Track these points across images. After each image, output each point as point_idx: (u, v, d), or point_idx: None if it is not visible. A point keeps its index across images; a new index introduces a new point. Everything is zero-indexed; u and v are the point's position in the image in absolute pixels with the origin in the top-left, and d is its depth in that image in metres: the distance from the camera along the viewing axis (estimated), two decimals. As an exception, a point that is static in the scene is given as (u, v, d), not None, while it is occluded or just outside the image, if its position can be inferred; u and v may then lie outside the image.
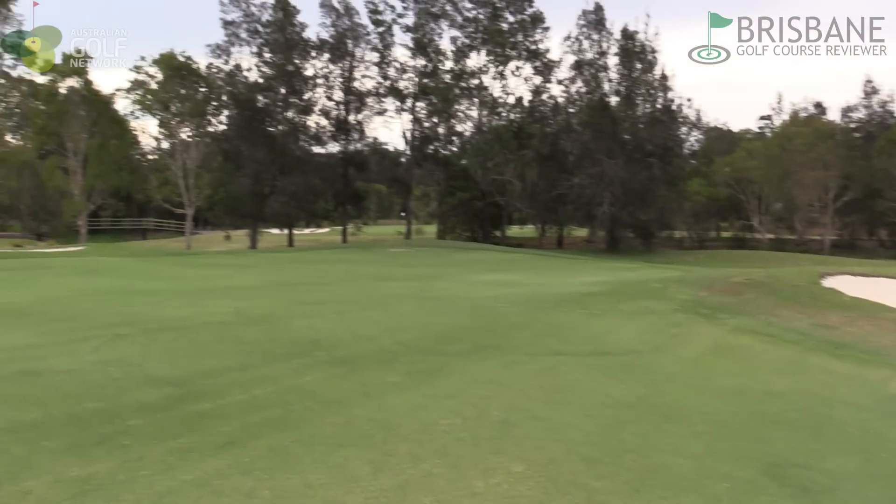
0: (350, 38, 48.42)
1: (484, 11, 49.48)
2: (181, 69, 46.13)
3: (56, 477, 3.75)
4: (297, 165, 46.05)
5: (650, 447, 4.63)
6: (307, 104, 48.07)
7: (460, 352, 7.52)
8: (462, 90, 50.09)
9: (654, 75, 47.28)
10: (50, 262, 21.70)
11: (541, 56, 49.98)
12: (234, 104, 46.65)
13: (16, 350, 7.10)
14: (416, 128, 50.06)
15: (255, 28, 46.14)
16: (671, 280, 15.39)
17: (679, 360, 7.65)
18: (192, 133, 48.23)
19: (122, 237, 62.05)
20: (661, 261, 35.68)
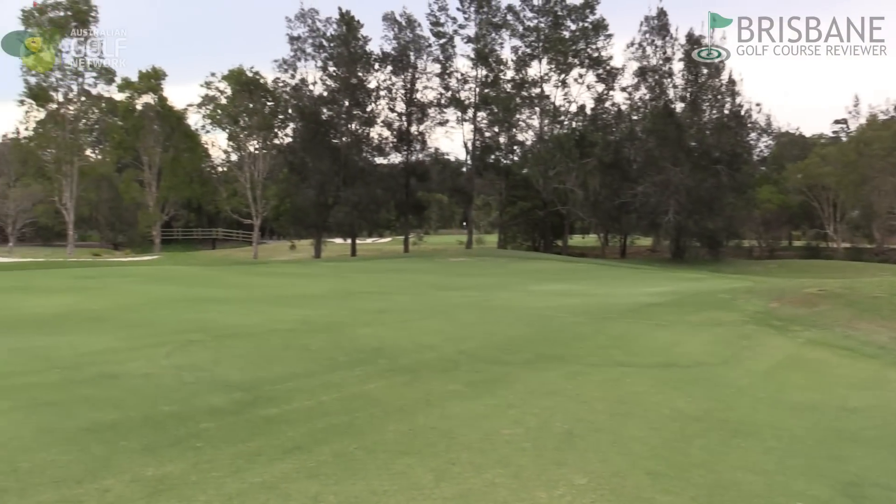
0: (412, 51, 48.97)
1: (545, 20, 49.32)
2: (249, 84, 47.58)
3: (133, 476, 3.91)
4: (359, 176, 46.74)
5: (718, 462, 4.50)
6: (370, 116, 48.79)
7: (522, 362, 7.49)
8: (523, 99, 49.98)
9: (721, 80, 46.12)
10: (126, 271, 22.62)
11: (603, 63, 49.46)
12: (299, 117, 47.74)
13: (96, 354, 7.44)
14: (478, 137, 50.17)
15: (320, 43, 47.17)
16: (740, 290, 14.94)
17: (749, 374, 7.42)
18: (260, 146, 49.63)
19: (193, 247, 64.24)
20: (729, 271, 34.67)
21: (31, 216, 53.17)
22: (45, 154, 47.10)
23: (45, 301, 12.89)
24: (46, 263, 27.34)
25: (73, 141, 46.00)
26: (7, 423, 4.87)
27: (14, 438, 4.53)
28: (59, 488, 3.72)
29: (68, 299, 13.17)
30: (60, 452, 4.26)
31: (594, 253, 50.79)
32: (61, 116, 44.98)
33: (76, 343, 8.15)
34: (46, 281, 17.80)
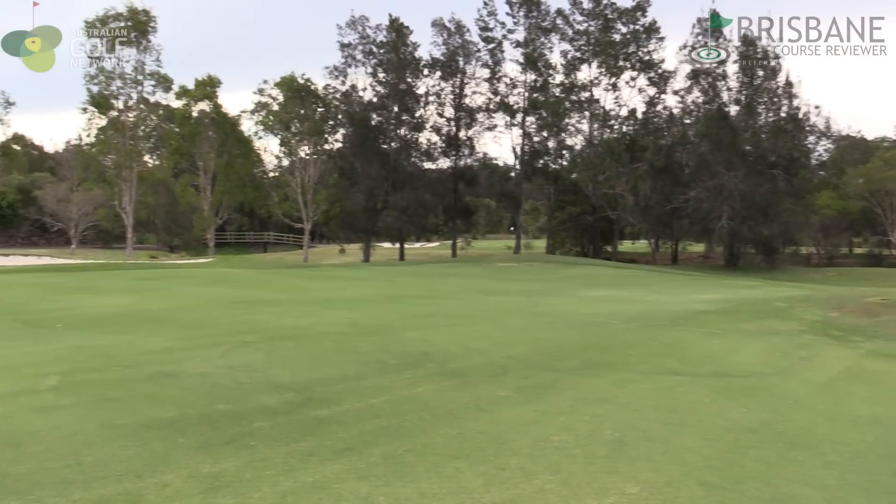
0: (461, 56, 49.12)
1: (595, 23, 48.91)
2: (301, 91, 48.45)
3: (190, 472, 4.02)
4: (408, 181, 47.07)
5: (775, 475, 4.39)
6: (419, 121, 49.10)
7: (571, 368, 7.44)
8: (572, 103, 49.63)
9: (777, 82, 44.97)
10: (182, 273, 23.25)
11: (655, 66, 48.76)
12: (349, 123, 48.34)
13: (154, 353, 7.68)
14: (526, 142, 50.00)
15: (370, 49, 47.71)
16: (797, 299, 14.54)
17: (807, 385, 7.21)
18: (311, 151, 50.48)
19: (245, 250, 65.62)
20: (785, 278, 33.73)
21: (92, 219, 55.10)
22: (106, 160, 48.79)
23: (106, 301, 13.34)
24: (107, 265, 28.30)
25: (132, 147, 47.53)
26: (72, 418, 5.06)
27: (78, 433, 4.71)
28: (120, 482, 3.85)
29: (128, 300, 13.61)
30: (122, 447, 4.41)
31: (644, 259, 50.06)
32: (121, 123, 46.52)
33: (136, 342, 8.42)
34: (107, 282, 18.43)
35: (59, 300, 13.52)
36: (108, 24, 44.08)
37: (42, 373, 6.57)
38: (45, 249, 53.37)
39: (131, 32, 44.69)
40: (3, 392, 5.81)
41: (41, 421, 4.98)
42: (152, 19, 45.66)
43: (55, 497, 3.62)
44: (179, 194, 55.98)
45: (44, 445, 4.43)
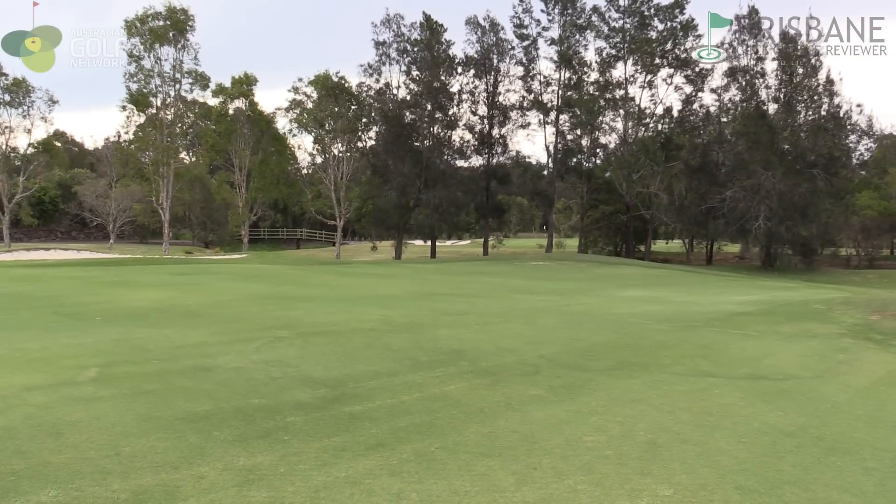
0: (495, 54, 49.05)
1: (631, 21, 48.46)
2: (335, 88, 48.83)
3: (225, 465, 4.08)
4: (441, 179, 47.17)
5: (813, 481, 4.30)
6: (452, 119, 49.16)
7: (604, 368, 7.38)
8: (607, 101, 49.24)
9: (818, 80, 44.05)
10: (217, 268, 23.59)
11: (692, 64, 48.12)
12: (383, 120, 48.60)
13: (190, 347, 7.81)
14: (560, 140, 49.76)
15: (405, 47, 47.89)
16: (836, 301, 14.23)
17: (846, 389, 7.04)
18: (344, 148, 50.85)
19: (278, 246, 66.40)
20: (823, 280, 33.03)
21: (129, 215, 56.21)
22: (144, 156, 49.75)
23: (143, 295, 13.60)
24: (144, 260, 28.85)
25: (169, 144, 48.40)
26: (111, 410, 5.17)
27: (117, 424, 4.81)
28: (157, 473, 3.92)
29: (164, 294, 13.86)
30: (159, 439, 4.50)
31: (678, 259, 49.44)
32: (159, 121, 47.40)
33: (172, 336, 8.57)
34: (144, 277, 18.78)
35: (97, 294, 13.82)
36: (147, 23, 44.96)
37: (82, 365, 6.72)
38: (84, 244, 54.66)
39: (170, 31, 45.50)
40: (45, 383, 5.96)
41: (81, 412, 5.09)
42: (190, 18, 46.47)
43: (94, 486, 3.70)
44: (215, 191, 56.83)
45: (84, 436, 4.53)
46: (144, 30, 44.97)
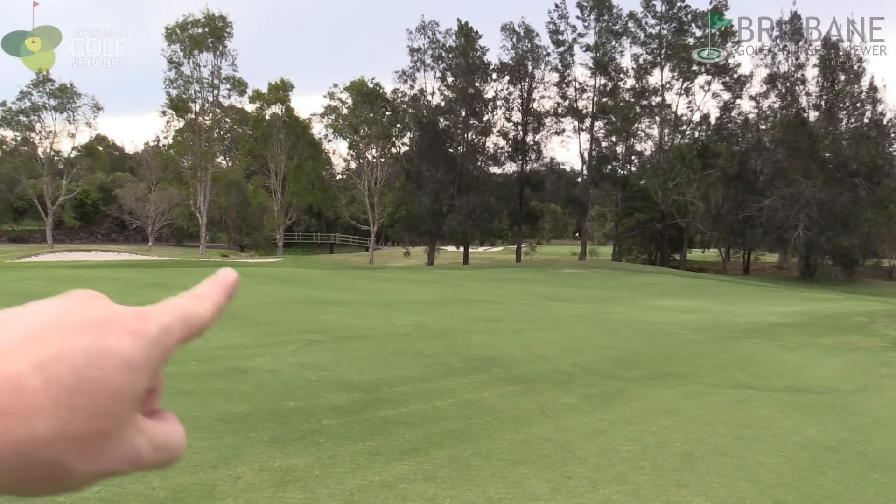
0: (530, 60, 48.98)
1: (668, 27, 47.98)
2: (370, 95, 49.18)
3: (262, 466, 4.14)
4: (474, 185, 47.18)
5: (854, 497, 4.20)
6: (486, 125, 49.17)
7: (639, 378, 7.30)
8: (643, 108, 48.79)
9: (860, 87, 43.10)
10: (252, 272, 23.90)
11: (730, 71, 47.45)
12: (417, 127, 48.80)
13: (227, 349, 7.92)
14: (594, 147, 49.44)
15: (439, 54, 48.08)
16: (879, 314, 13.89)
17: (889, 404, 6.87)
18: (378, 154, 51.15)
19: (312, 250, 67.02)
20: (865, 292, 32.24)
21: (167, 218, 57.26)
22: (183, 161, 50.66)
23: (182, 297, 13.81)
24: (182, 262, 29.37)
25: (207, 149, 49.22)
26: (151, 409, 5.27)
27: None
28: (195, 472, 3.99)
29: (202, 296, 14.05)
30: (196, 439, 4.56)
31: (714, 268, 48.67)
32: (198, 126, 48.25)
33: (209, 338, 8.68)
34: (181, 279, 19.11)
35: (137, 295, 14.10)
36: (186, 30, 45.87)
37: (123, 364, 6.86)
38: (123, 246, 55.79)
39: (208, 38, 46.35)
40: (88, 381, 6.10)
41: (122, 410, 5.20)
42: (228, 25, 47.27)
43: (134, 484, 3.77)
44: (251, 195, 57.58)
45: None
46: (184, 37, 45.88)
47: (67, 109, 49.83)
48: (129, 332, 0.39)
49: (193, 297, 0.45)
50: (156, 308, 0.42)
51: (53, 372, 0.35)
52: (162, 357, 0.41)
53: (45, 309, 0.39)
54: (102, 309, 0.40)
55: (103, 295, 0.42)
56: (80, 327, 0.38)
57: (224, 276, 0.48)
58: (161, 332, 0.41)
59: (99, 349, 0.37)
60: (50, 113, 49.71)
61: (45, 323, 0.37)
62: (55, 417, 0.34)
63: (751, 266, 51.06)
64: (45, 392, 0.34)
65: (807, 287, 33.45)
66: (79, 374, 0.35)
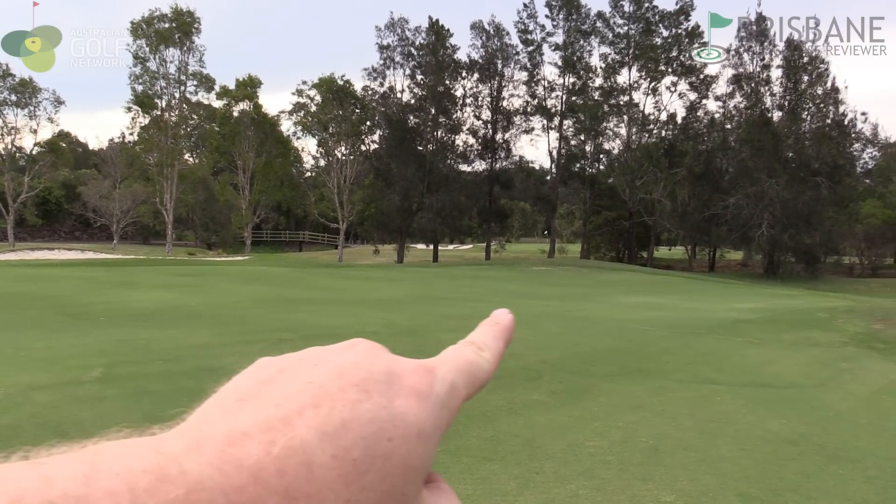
0: (499, 59, 49.17)
1: (636, 27, 48.54)
2: (339, 92, 48.95)
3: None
4: (444, 183, 47.24)
5: (814, 489, 4.31)
6: (456, 123, 49.26)
7: (606, 374, 7.39)
8: (611, 107, 49.31)
9: (823, 88, 44.08)
10: (220, 270, 23.64)
11: (697, 71, 48.17)
12: (386, 124, 48.71)
13: (194, 348, 7.83)
14: (563, 146, 49.82)
15: (409, 51, 48.04)
16: (839, 310, 14.22)
17: (848, 398, 7.05)
18: (348, 152, 50.93)
19: (280, 249, 66.44)
20: (826, 289, 33.00)
21: (132, 216, 56.33)
22: (149, 158, 49.88)
23: (147, 296, 13.64)
24: (147, 261, 28.93)
25: (173, 146, 48.53)
26: (115, 410, 5.20)
27: (122, 423, 4.82)
28: (162, 473, 3.94)
29: (167, 295, 13.89)
30: (163, 440, 4.51)
31: (681, 266, 49.40)
32: (164, 122, 47.54)
33: (176, 337, 8.60)
34: (148, 277, 18.83)
35: (102, 294, 13.86)
36: (153, 25, 45.14)
37: (86, 365, 6.75)
38: (87, 244, 54.75)
39: (175, 33, 45.67)
40: (50, 382, 5.99)
41: (86, 411, 5.12)
42: (196, 20, 46.63)
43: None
44: (218, 192, 56.92)
45: (89, 435, 4.47)
46: (150, 32, 45.14)
47: (29, 105, 48.75)
48: (415, 393, 0.34)
49: (472, 347, 0.41)
50: (438, 361, 0.37)
51: (342, 444, 0.29)
52: (448, 423, 0.35)
53: (322, 361, 0.34)
54: (384, 363, 0.35)
55: (380, 345, 0.37)
56: (364, 387, 0.32)
57: (500, 320, 0.44)
58: (448, 391, 0.36)
59: (387, 416, 0.31)
60: (11, 108, 48.59)
61: (326, 380, 0.32)
62: (344, 500, 0.29)
63: (716, 263, 51.94)
64: (335, 469, 0.29)
65: (770, 284, 34.12)
66: (368, 447, 0.30)
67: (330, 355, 0.35)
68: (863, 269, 52.60)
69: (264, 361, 0.36)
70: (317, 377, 0.33)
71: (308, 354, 0.35)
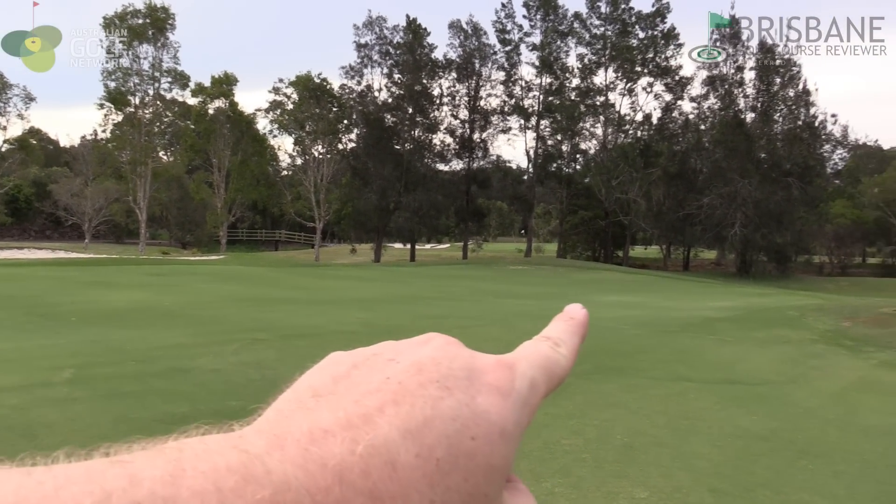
0: (477, 58, 49.22)
1: (613, 28, 48.90)
2: (316, 90, 48.66)
3: (204, 468, 4.06)
4: (421, 182, 47.18)
5: (785, 483, 4.39)
6: (433, 123, 49.21)
7: (582, 372, 7.44)
8: (587, 107, 49.63)
9: (795, 90, 44.78)
10: (194, 270, 23.39)
11: (672, 73, 48.66)
12: (364, 123, 48.52)
13: (168, 349, 7.75)
14: (540, 145, 50.02)
15: (387, 50, 47.90)
16: (809, 308, 14.47)
17: (818, 394, 7.18)
18: (324, 150, 50.65)
19: (256, 248, 65.92)
20: (797, 287, 33.53)
21: (105, 214, 55.51)
22: (122, 155, 49.20)
23: (120, 296, 13.46)
24: (120, 260, 28.53)
25: (147, 143, 47.91)
26: (86, 411, 5.12)
27: (93, 426, 4.77)
28: (135, 475, 3.89)
29: (141, 295, 13.72)
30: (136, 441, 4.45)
31: (656, 265, 49.89)
32: (137, 119, 46.91)
33: (149, 337, 8.50)
34: (120, 277, 18.58)
35: (73, 294, 13.65)
36: (126, 20, 44.52)
37: (57, 366, 6.65)
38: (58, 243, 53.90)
39: (149, 29, 45.10)
40: (20, 384, 5.89)
41: (56, 413, 5.04)
42: (171, 16, 46.07)
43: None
44: (193, 191, 56.29)
45: (59, 438, 4.49)
46: (123, 27, 44.51)
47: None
48: (496, 390, 0.32)
49: (549, 343, 0.40)
50: (517, 357, 0.36)
51: (425, 442, 0.28)
52: (529, 421, 0.34)
53: (397, 356, 0.33)
54: (464, 359, 0.34)
55: (456, 340, 0.36)
56: (445, 383, 0.31)
57: (575, 315, 0.43)
58: (529, 388, 0.35)
59: (469, 413, 0.30)
60: (-21, 105, 47.68)
61: (405, 376, 0.31)
62: (428, 501, 0.28)
63: (690, 262, 52.55)
64: (419, 469, 0.28)
65: (743, 283, 34.60)
66: (451, 446, 0.29)
67: (406, 350, 0.34)
68: (832, 268, 53.59)
69: (336, 356, 0.35)
70: (394, 373, 0.31)
71: (382, 349, 0.34)
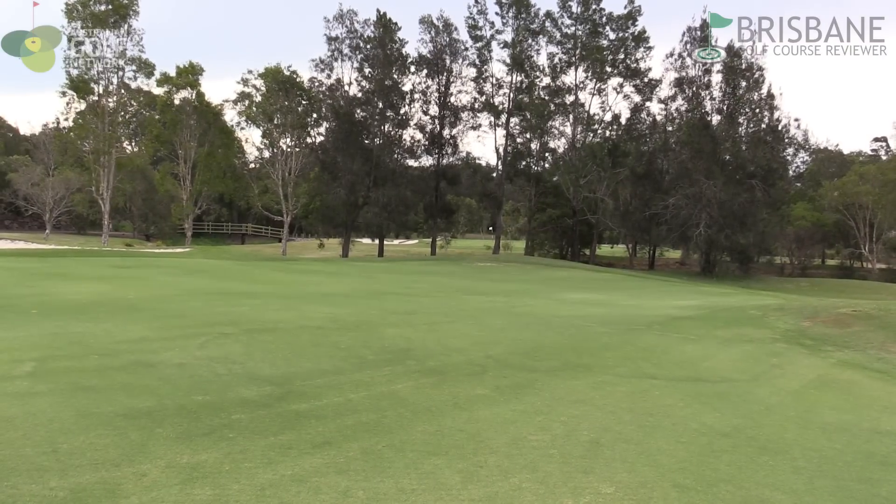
0: (448, 54, 49.20)
1: (583, 28, 49.25)
2: (286, 83, 48.16)
3: (168, 462, 4.01)
4: (390, 178, 47.05)
5: (746, 479, 4.47)
6: (403, 118, 49.10)
7: (549, 369, 7.50)
8: (557, 106, 49.95)
9: (760, 94, 45.61)
10: (159, 262, 23.01)
11: (642, 74, 49.20)
12: (333, 117, 48.21)
13: (131, 342, 7.62)
14: (510, 143, 50.21)
15: (357, 44, 47.62)
16: (771, 308, 14.75)
17: (778, 392, 7.33)
18: (293, 144, 50.19)
19: (222, 241, 65.11)
20: (759, 287, 34.20)
21: (67, 205, 54.31)
22: (85, 144, 48.14)
23: (82, 288, 13.18)
24: (82, 252, 27.94)
25: (111, 133, 46.96)
26: (48, 406, 5.01)
27: (54, 420, 4.67)
28: (97, 470, 3.83)
29: (104, 287, 13.46)
30: (99, 436, 4.38)
31: (622, 263, 50.48)
32: (101, 108, 45.94)
33: (112, 330, 8.34)
34: (83, 269, 18.20)
35: (33, 286, 13.34)
36: (88, 6, 43.51)
37: (17, 359, 6.49)
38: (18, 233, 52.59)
39: (111, 16, 44.14)
40: (-23, 377, 5.74)
41: (16, 407, 4.93)
42: (134, 3, 45.17)
43: (31, 484, 3.59)
44: (158, 182, 55.38)
45: (19, 432, 4.39)
46: (86, 14, 43.49)
47: (-46, 86, 46.44)
48: None
49: None
50: None
51: None
52: None
53: None
54: None
55: None
56: None
57: None
58: None
59: None
60: (-66, 89, 46.20)
61: None
62: None
63: (656, 261, 53.31)
64: None
65: (707, 282, 35.18)
66: None
67: None
68: (793, 269, 54.81)
69: None
70: None
71: None
